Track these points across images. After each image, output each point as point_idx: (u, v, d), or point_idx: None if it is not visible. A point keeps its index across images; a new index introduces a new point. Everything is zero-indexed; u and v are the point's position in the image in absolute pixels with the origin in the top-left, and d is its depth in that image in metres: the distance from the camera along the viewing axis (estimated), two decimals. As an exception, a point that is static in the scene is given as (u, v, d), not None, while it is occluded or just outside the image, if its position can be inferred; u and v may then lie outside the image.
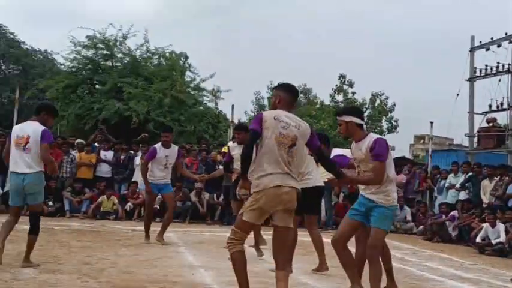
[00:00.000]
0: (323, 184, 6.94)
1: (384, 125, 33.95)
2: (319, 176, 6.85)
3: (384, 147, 4.94)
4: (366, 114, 33.28)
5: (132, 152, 14.43)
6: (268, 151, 4.49)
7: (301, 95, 39.05)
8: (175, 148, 9.19)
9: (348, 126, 5.13)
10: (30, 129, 6.40)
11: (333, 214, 13.31)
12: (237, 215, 4.72)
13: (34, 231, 6.38)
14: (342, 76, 34.30)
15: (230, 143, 9.52)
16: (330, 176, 5.78)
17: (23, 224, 10.07)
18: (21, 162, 6.32)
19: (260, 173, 4.48)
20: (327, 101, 35.10)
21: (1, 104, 37.09)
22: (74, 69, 20.62)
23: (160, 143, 9.06)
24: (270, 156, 4.47)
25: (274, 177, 4.46)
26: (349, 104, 32.71)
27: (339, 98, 34.53)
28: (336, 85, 34.57)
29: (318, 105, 35.38)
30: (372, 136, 5.05)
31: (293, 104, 4.79)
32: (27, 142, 6.31)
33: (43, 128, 6.40)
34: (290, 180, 4.50)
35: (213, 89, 24.41)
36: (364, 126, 5.25)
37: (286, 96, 4.75)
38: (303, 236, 7.15)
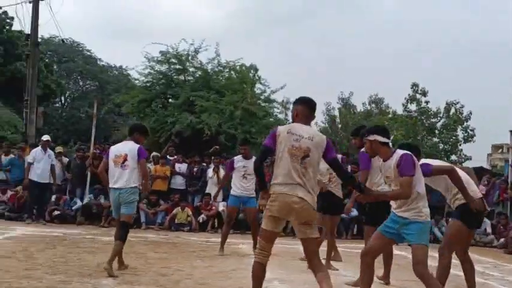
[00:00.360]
0: None
1: (460, 134, 32.90)
2: (387, 187, 6.75)
3: (410, 162, 4.95)
4: (440, 123, 32.44)
5: (204, 164, 14.62)
6: (282, 163, 4.73)
7: (372, 105, 38.50)
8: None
9: (372, 144, 5.22)
10: (126, 148, 6.99)
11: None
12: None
13: (122, 238, 6.81)
14: (414, 85, 33.53)
15: None
16: None
17: (101, 236, 10.39)
18: (119, 179, 6.92)
19: (274, 183, 4.74)
20: (400, 111, 34.43)
21: (79, 119, 38.56)
22: (148, 84, 21.03)
23: (240, 155, 9.26)
24: (283, 168, 4.72)
25: (283, 186, 4.69)
26: (423, 114, 32.01)
27: (412, 107, 33.78)
28: (409, 94, 33.85)
29: (390, 115, 34.73)
30: (398, 153, 5.07)
31: (311, 116, 5.04)
32: (125, 160, 6.90)
33: (138, 146, 7.01)
34: (301, 192, 4.66)
35: (283, 101, 24.44)
36: (390, 144, 5.29)
37: (303, 109, 4.97)
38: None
